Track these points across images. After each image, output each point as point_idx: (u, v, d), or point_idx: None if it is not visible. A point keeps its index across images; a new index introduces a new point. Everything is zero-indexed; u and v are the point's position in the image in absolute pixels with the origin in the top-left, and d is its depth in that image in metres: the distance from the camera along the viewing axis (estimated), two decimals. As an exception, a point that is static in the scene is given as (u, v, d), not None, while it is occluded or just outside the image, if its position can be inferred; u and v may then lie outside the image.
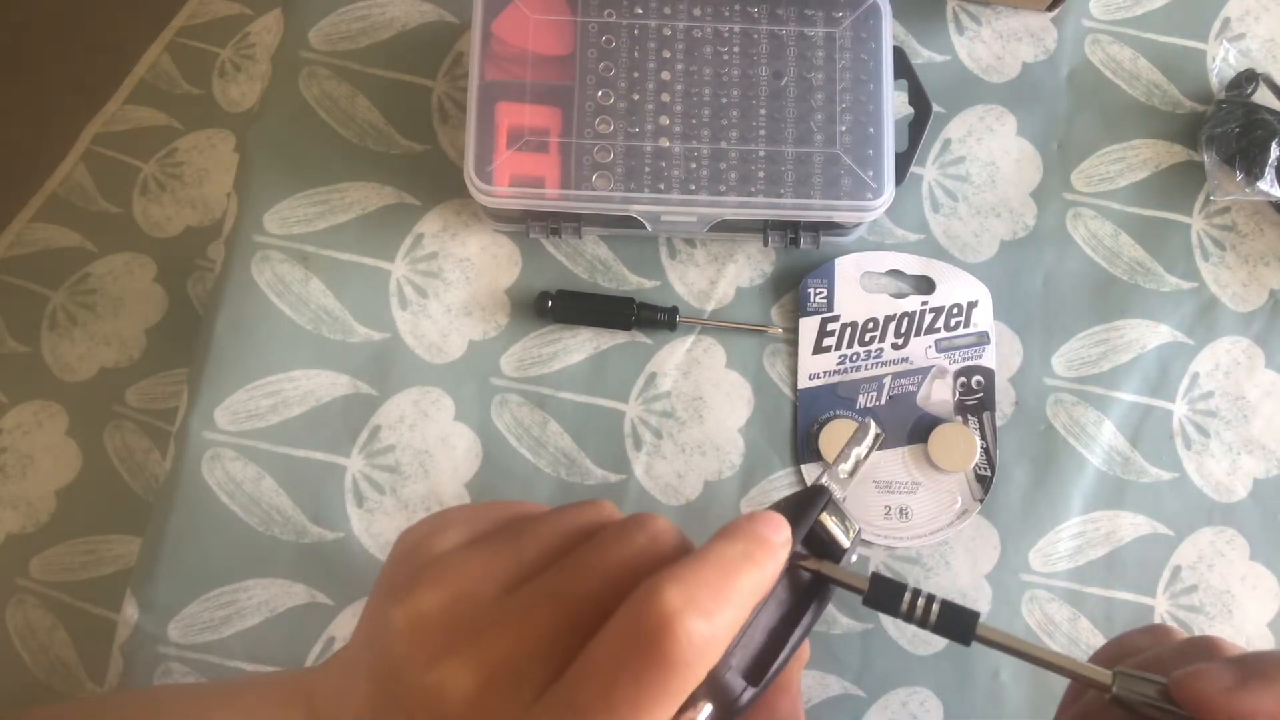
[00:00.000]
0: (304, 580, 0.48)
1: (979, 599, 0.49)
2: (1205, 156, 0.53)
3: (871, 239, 0.53)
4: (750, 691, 0.27)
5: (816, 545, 0.30)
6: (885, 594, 0.30)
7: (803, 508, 0.30)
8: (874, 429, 0.33)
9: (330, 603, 0.48)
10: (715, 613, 0.24)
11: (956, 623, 0.29)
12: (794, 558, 0.30)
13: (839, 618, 0.49)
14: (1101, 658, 0.36)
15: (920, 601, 0.29)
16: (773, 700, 0.29)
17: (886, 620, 0.49)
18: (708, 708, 0.26)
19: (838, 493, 0.31)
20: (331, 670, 0.32)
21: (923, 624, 0.29)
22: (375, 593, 0.30)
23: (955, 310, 0.52)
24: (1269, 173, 0.51)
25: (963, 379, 0.51)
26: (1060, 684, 0.49)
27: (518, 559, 0.28)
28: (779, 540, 0.27)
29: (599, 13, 0.49)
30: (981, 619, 0.30)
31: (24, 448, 0.78)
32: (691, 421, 0.51)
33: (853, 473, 0.32)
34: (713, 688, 0.26)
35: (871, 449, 0.33)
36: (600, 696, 0.24)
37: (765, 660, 0.28)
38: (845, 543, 0.30)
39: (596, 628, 0.25)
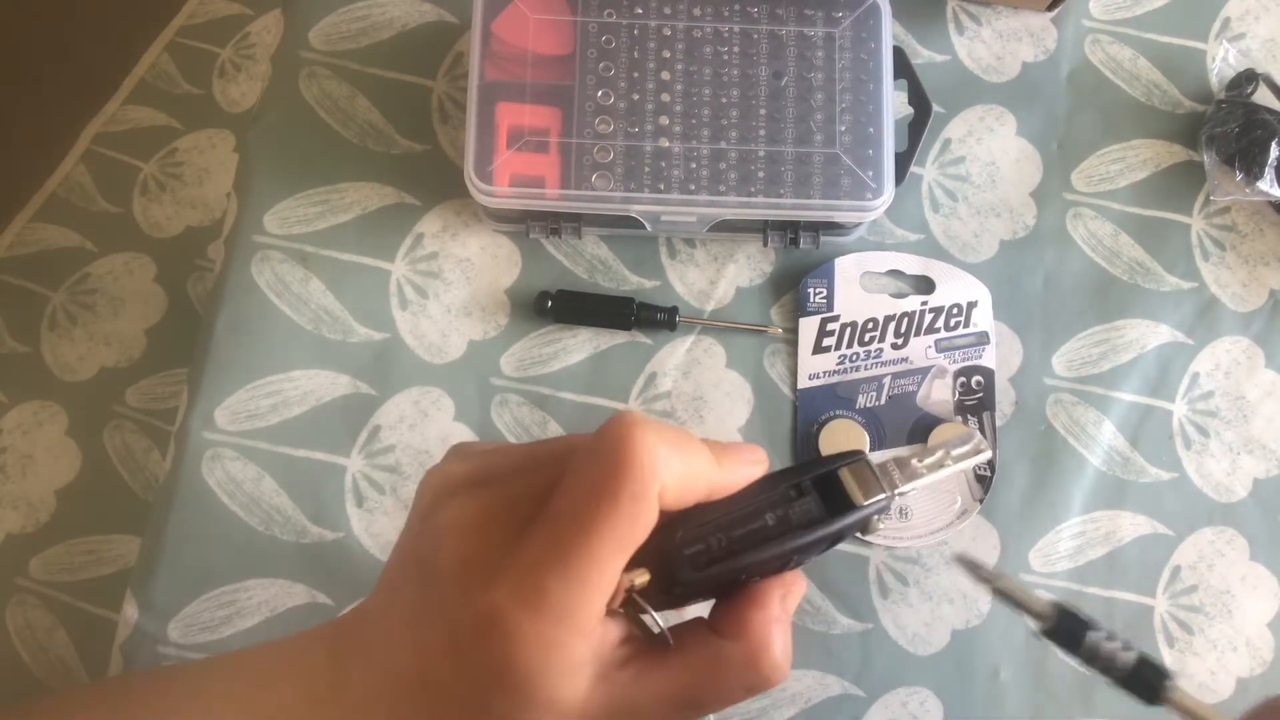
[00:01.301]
0: (304, 580, 0.48)
1: (979, 598, 0.49)
2: (1205, 156, 0.53)
3: (871, 239, 0.53)
4: (693, 575, 0.28)
5: (830, 491, 0.30)
6: (1068, 629, 0.27)
7: (828, 460, 0.31)
8: (985, 450, 0.32)
9: (330, 603, 0.48)
10: (671, 440, 0.27)
11: (1143, 679, 0.27)
12: (799, 486, 0.30)
13: (839, 618, 0.49)
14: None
15: (1114, 644, 0.27)
16: (745, 613, 0.29)
17: (886, 620, 0.49)
18: (645, 575, 0.28)
19: (898, 482, 0.31)
20: (361, 606, 0.33)
21: (1107, 672, 0.27)
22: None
23: (955, 310, 0.52)
24: (1269, 173, 0.51)
25: (963, 379, 0.51)
26: (1060, 686, 0.49)
27: (533, 454, 0.30)
28: (750, 455, 0.30)
29: (599, 13, 0.49)
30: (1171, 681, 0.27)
31: (24, 448, 0.78)
32: (691, 421, 0.51)
33: (932, 469, 0.31)
34: (658, 560, 0.28)
35: (966, 461, 0.32)
36: (571, 505, 0.27)
37: (721, 557, 0.29)
38: (860, 500, 0.30)
39: None
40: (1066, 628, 0.27)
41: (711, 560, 0.29)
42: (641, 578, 0.28)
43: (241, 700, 0.33)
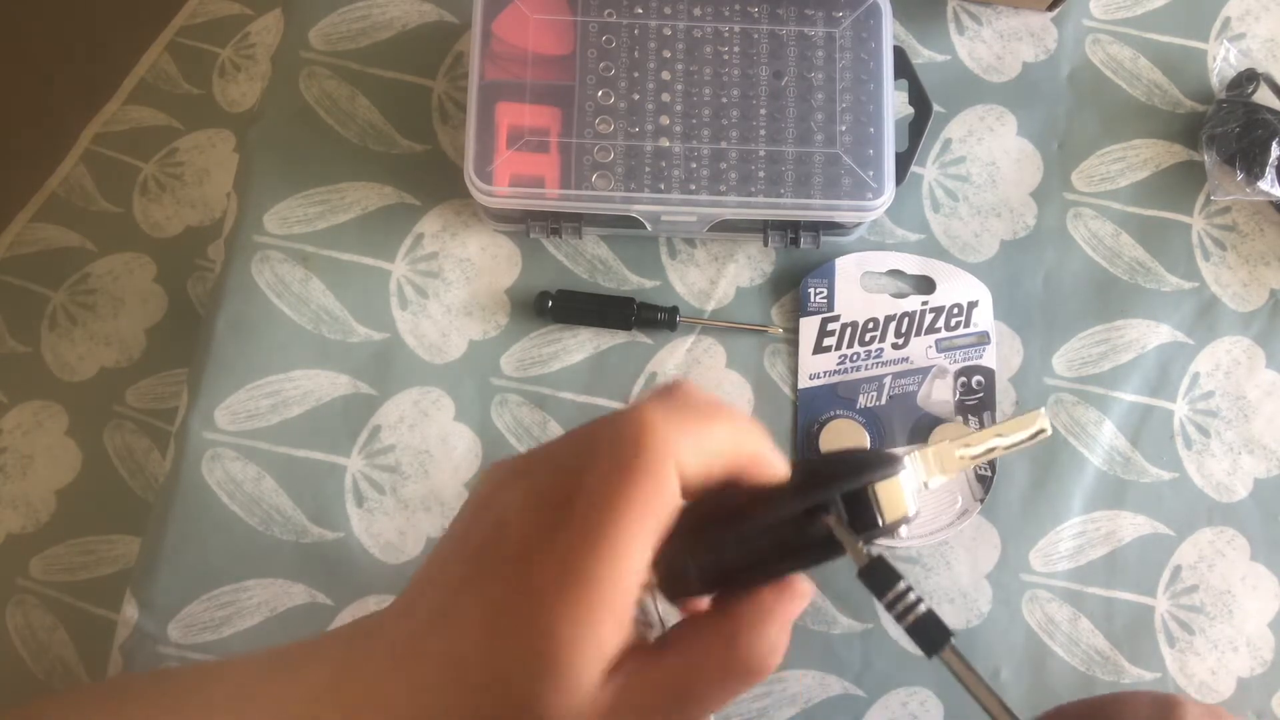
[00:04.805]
0: (304, 580, 0.48)
1: (979, 599, 0.49)
2: (1205, 156, 0.53)
3: (872, 239, 0.53)
4: (697, 586, 0.29)
5: (854, 507, 0.30)
6: (879, 577, 0.29)
7: (860, 467, 0.30)
8: (1039, 424, 0.31)
9: (330, 603, 0.48)
10: (687, 415, 0.28)
11: (927, 633, 0.29)
12: (818, 507, 0.29)
13: (839, 617, 0.49)
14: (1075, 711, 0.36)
15: (909, 597, 0.29)
16: (734, 600, 0.30)
17: (887, 620, 0.49)
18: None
19: (926, 472, 0.31)
20: (378, 613, 0.33)
21: (900, 620, 0.29)
22: None
23: (955, 310, 0.52)
24: (1269, 172, 0.51)
25: (963, 379, 0.51)
26: (1061, 686, 0.49)
27: (568, 439, 0.31)
28: (761, 432, 0.30)
29: (599, 13, 0.49)
30: (955, 640, 0.29)
31: (24, 448, 0.78)
32: (692, 421, 0.51)
33: (978, 458, 0.31)
34: (664, 572, 0.29)
35: (1019, 446, 0.31)
36: (596, 487, 0.27)
37: (728, 575, 0.29)
38: (880, 520, 0.30)
39: None
40: (878, 573, 0.29)
41: (723, 580, 0.29)
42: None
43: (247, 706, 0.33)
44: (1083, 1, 0.56)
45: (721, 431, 0.29)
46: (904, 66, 0.51)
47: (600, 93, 0.48)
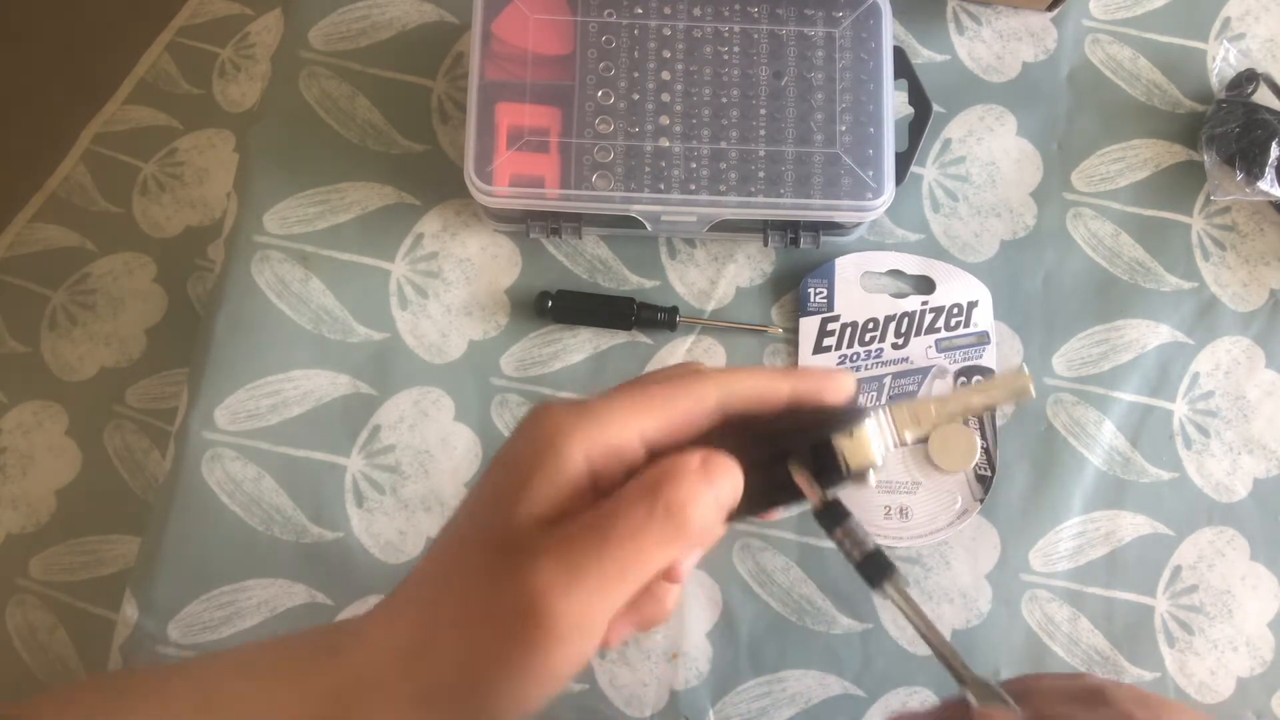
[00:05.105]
0: (304, 580, 0.48)
1: (979, 599, 0.49)
2: (1205, 156, 0.53)
3: (871, 239, 0.53)
4: None
5: (821, 456, 0.30)
6: (832, 516, 0.31)
7: (827, 418, 0.31)
8: (1020, 383, 0.31)
9: (330, 603, 0.48)
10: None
11: (873, 568, 0.30)
12: (783, 453, 0.30)
13: (839, 617, 0.49)
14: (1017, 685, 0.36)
15: (857, 534, 0.30)
16: (661, 462, 0.31)
17: (886, 620, 0.49)
18: None
19: (900, 425, 0.31)
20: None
21: (849, 557, 0.30)
22: None
23: (955, 310, 0.52)
24: (1269, 172, 0.51)
25: (963, 379, 0.51)
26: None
27: None
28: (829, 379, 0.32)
29: (599, 13, 0.49)
30: (904, 580, 0.30)
31: (24, 448, 0.78)
32: (691, 421, 0.51)
33: (955, 413, 0.31)
34: None
35: (999, 403, 0.32)
36: (614, 520, 0.28)
37: None
38: (844, 467, 0.30)
39: None
40: (832, 513, 0.31)
41: None
42: None
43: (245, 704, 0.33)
44: (1082, 1, 0.56)
45: (753, 378, 0.30)
46: (904, 66, 0.51)
47: (600, 93, 0.48)
